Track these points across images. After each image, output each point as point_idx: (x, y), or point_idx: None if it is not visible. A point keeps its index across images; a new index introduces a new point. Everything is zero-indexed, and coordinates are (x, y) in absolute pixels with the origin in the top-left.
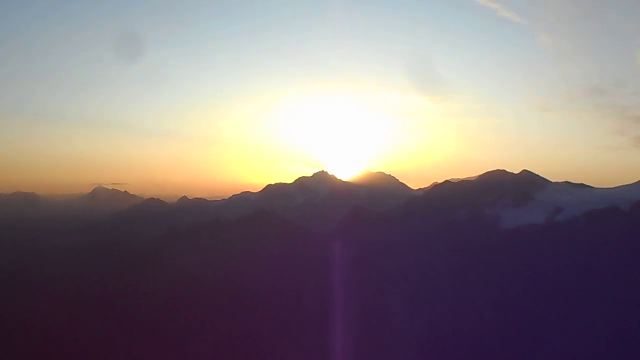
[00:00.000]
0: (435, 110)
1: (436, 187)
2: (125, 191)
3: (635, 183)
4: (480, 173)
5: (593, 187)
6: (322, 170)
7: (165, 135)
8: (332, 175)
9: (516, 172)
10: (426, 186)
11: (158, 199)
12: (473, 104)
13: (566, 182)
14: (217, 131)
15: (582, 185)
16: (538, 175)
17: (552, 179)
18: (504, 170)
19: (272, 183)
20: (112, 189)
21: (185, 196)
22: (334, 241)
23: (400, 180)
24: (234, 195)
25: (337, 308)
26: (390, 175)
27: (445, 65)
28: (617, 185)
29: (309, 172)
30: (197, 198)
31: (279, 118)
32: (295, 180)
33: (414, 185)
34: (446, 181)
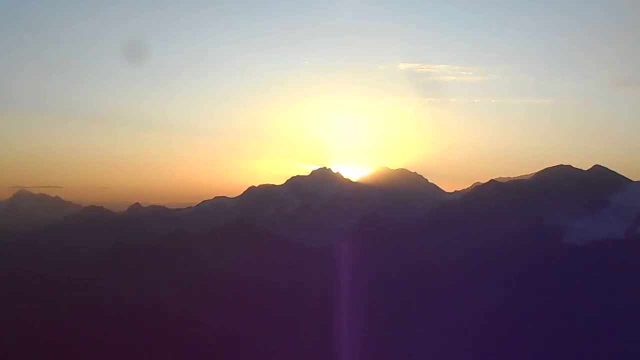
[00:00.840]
0: (473, 87)
1: (478, 188)
2: (57, 197)
3: None
4: (537, 170)
5: None
6: (324, 167)
7: (112, 123)
8: (337, 173)
9: (585, 168)
10: (464, 188)
11: (101, 207)
12: (522, 78)
13: None
14: (181, 118)
15: None
16: (614, 173)
17: (633, 177)
18: (569, 166)
19: (256, 185)
20: (39, 193)
21: (137, 203)
22: (340, 262)
23: (430, 181)
24: (204, 201)
25: None
26: (416, 173)
27: (484, 27)
28: None
29: (305, 170)
30: (153, 206)
31: (265, 101)
32: (288, 181)
33: (448, 186)
34: (491, 181)
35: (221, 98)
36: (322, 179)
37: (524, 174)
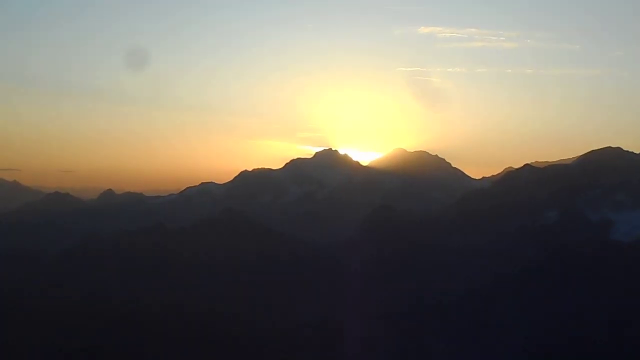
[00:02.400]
0: (505, 55)
1: (510, 174)
2: (15, 181)
3: None
4: (581, 153)
5: None
6: (329, 149)
7: (80, 95)
8: (345, 156)
9: (637, 151)
10: (494, 174)
11: (67, 193)
12: (563, 45)
13: None
14: (162, 90)
15: None
16: None
17: None
18: (619, 149)
19: (249, 169)
20: None
21: (110, 190)
22: (348, 260)
23: (454, 165)
24: (188, 188)
25: None
26: (437, 156)
27: None
28: None
29: (308, 152)
30: (129, 193)
31: (260, 70)
32: (287, 165)
33: (475, 172)
34: (526, 165)
35: (209, 67)
36: (327, 162)
37: (565, 157)
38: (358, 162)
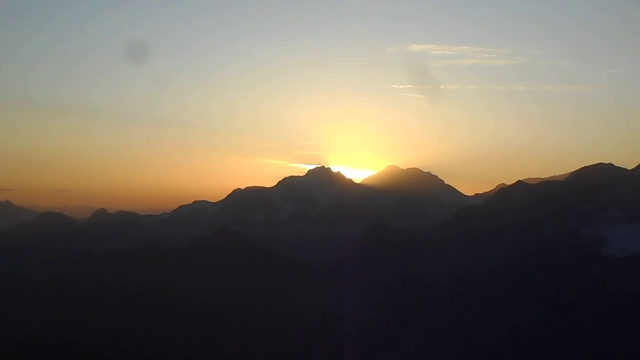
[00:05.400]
0: (497, 72)
1: (503, 191)
2: (7, 201)
3: None
4: (573, 169)
5: None
6: (322, 167)
7: (72, 114)
8: (338, 173)
9: (629, 167)
10: (487, 190)
11: (60, 213)
12: (555, 62)
13: None
14: (155, 109)
15: None
16: None
17: None
18: (611, 165)
19: (242, 187)
20: None
21: (103, 209)
22: (341, 280)
23: (447, 182)
24: (181, 206)
25: None
26: (430, 173)
27: (510, 1)
28: None
29: (300, 170)
30: (122, 211)
31: (253, 88)
32: (280, 183)
33: (468, 189)
34: (519, 182)
35: (201, 85)
36: (320, 180)
37: (557, 174)
38: (351, 180)
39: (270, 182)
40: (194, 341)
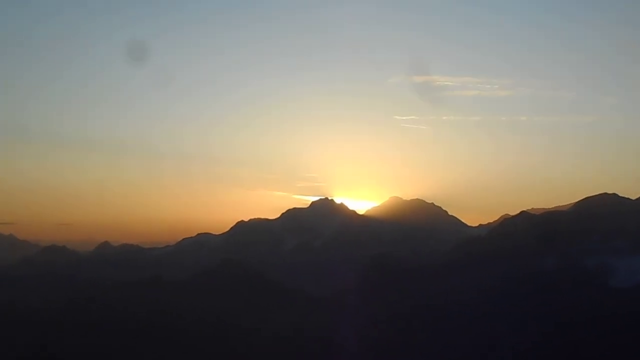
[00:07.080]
0: (499, 103)
1: (506, 221)
2: (11, 235)
3: None
4: (577, 200)
5: None
6: (325, 198)
7: (75, 146)
8: (341, 205)
9: (633, 197)
10: (491, 221)
11: (64, 246)
12: (557, 92)
13: None
14: (157, 141)
15: None
16: None
17: None
18: (615, 195)
19: (246, 220)
20: None
21: (106, 242)
22: (346, 312)
23: (450, 213)
24: (184, 239)
25: None
26: (433, 204)
27: (511, 34)
28: None
29: (304, 202)
30: (126, 244)
31: (256, 120)
32: (283, 214)
33: (472, 220)
34: (522, 213)
35: (204, 117)
36: (323, 212)
37: (561, 204)
38: (354, 211)
39: (273, 213)
40: None
